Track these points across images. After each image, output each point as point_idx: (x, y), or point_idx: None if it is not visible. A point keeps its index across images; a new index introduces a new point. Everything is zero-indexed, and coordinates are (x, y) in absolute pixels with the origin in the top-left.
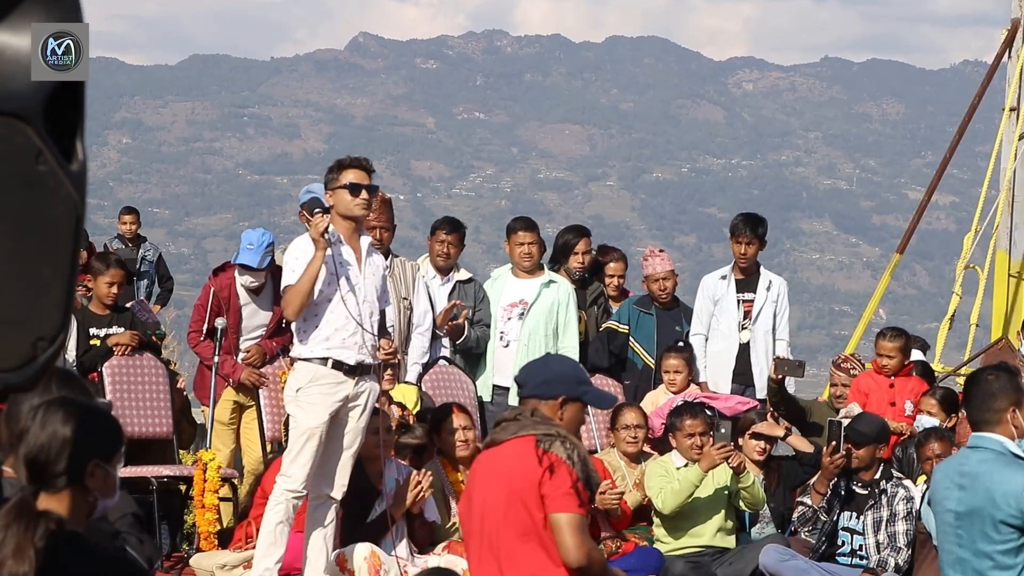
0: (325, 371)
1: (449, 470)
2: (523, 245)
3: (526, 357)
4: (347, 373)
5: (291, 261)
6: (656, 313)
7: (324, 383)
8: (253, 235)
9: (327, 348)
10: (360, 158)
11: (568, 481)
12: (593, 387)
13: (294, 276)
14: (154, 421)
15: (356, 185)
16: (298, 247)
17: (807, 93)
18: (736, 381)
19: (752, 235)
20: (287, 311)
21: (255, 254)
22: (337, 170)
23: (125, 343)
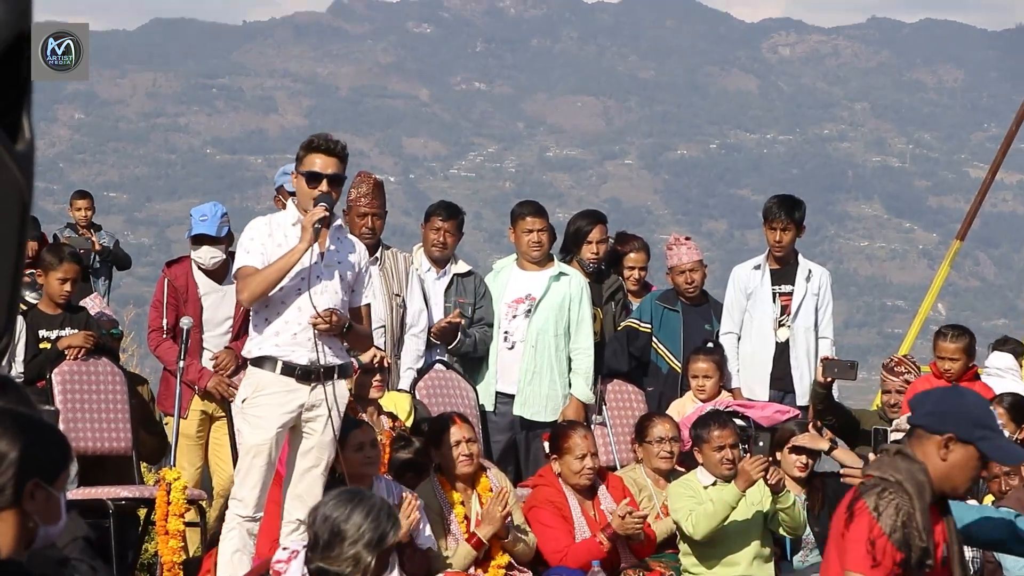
0: (272, 378)
1: (448, 489)
2: (531, 233)
3: (533, 360)
4: (300, 379)
5: (246, 242)
6: (682, 310)
7: (271, 392)
8: (204, 208)
9: (276, 345)
10: (333, 141)
11: (865, 535)
12: (999, 437)
13: (248, 257)
14: (110, 435)
15: (315, 175)
16: (255, 227)
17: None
18: (774, 387)
19: (788, 219)
20: (243, 295)
21: (211, 224)
22: (305, 150)
23: (78, 345)
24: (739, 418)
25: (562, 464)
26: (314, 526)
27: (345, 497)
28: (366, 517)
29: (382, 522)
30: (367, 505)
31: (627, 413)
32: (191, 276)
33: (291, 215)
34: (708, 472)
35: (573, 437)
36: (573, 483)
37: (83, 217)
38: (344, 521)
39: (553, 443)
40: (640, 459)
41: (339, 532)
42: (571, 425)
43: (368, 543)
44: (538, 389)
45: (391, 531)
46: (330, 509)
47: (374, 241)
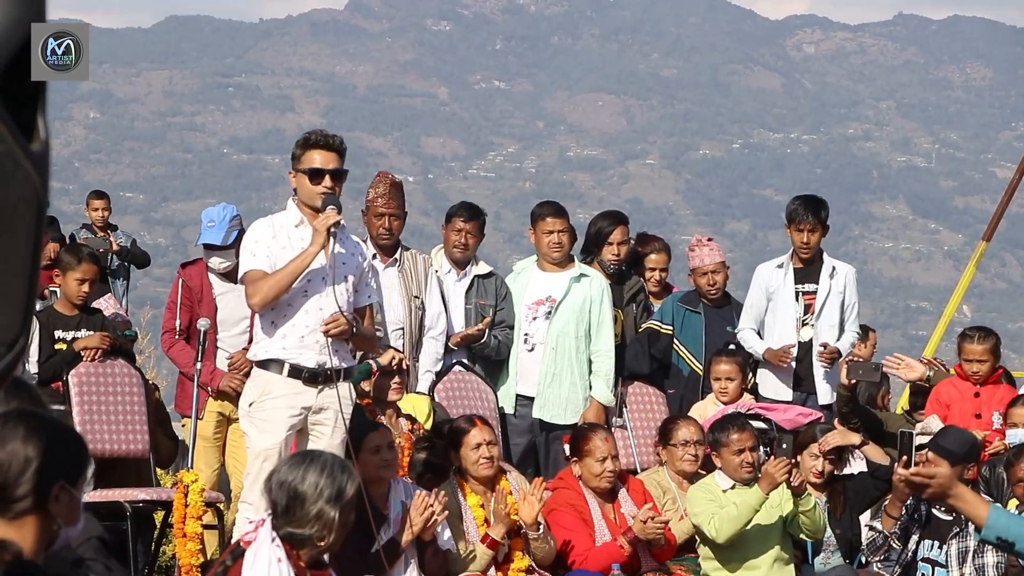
0: (279, 381)
1: (468, 492)
2: (551, 234)
3: (553, 362)
4: (307, 381)
5: (250, 245)
6: (704, 311)
7: (278, 395)
8: (213, 211)
9: (283, 348)
10: (330, 136)
11: None
12: None
13: (255, 261)
14: (127, 437)
15: (318, 171)
16: (259, 229)
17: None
18: (797, 387)
19: (816, 221)
20: (254, 299)
21: (218, 230)
22: (302, 147)
23: (94, 347)
24: (761, 420)
25: (582, 467)
26: (272, 494)
27: (297, 460)
28: (321, 474)
29: (337, 476)
30: (320, 463)
31: (648, 416)
32: (205, 277)
33: (293, 215)
34: (727, 476)
35: (593, 440)
36: (593, 486)
37: (99, 217)
38: (300, 482)
39: (573, 446)
40: (664, 462)
41: (297, 494)
42: (591, 428)
43: (328, 499)
44: (558, 392)
45: (348, 483)
46: (284, 474)
47: (392, 242)
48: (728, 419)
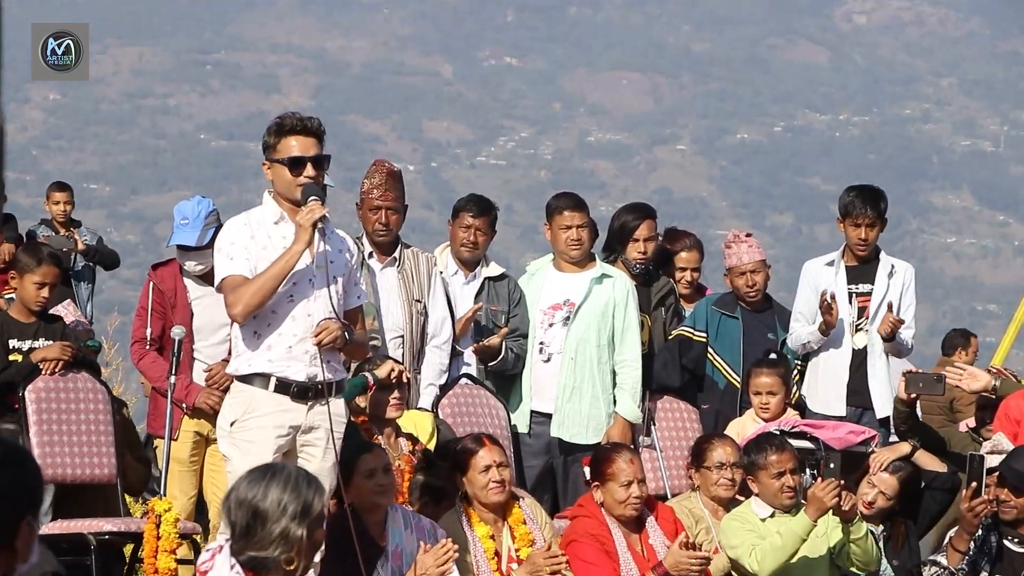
0: (264, 397)
1: (476, 520)
2: (569, 229)
3: (572, 374)
4: (296, 397)
5: (227, 247)
6: (742, 316)
7: (263, 413)
8: (186, 207)
9: (268, 360)
10: (306, 118)
11: None
12: None
13: (233, 265)
14: (92, 460)
15: (297, 160)
16: (234, 229)
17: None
18: (851, 402)
19: (874, 215)
20: (235, 309)
21: (192, 230)
22: (276, 135)
23: (54, 358)
24: (807, 439)
25: (605, 492)
26: (230, 514)
27: (256, 475)
28: (284, 488)
29: (303, 490)
30: (282, 476)
31: (679, 434)
32: (180, 279)
33: (271, 211)
34: (765, 503)
35: (618, 461)
36: (618, 514)
37: (61, 212)
38: (261, 500)
39: (595, 468)
40: (697, 486)
41: (259, 513)
42: (615, 448)
43: (294, 515)
44: (578, 407)
45: (315, 497)
46: (243, 491)
47: (390, 239)
48: (765, 438)
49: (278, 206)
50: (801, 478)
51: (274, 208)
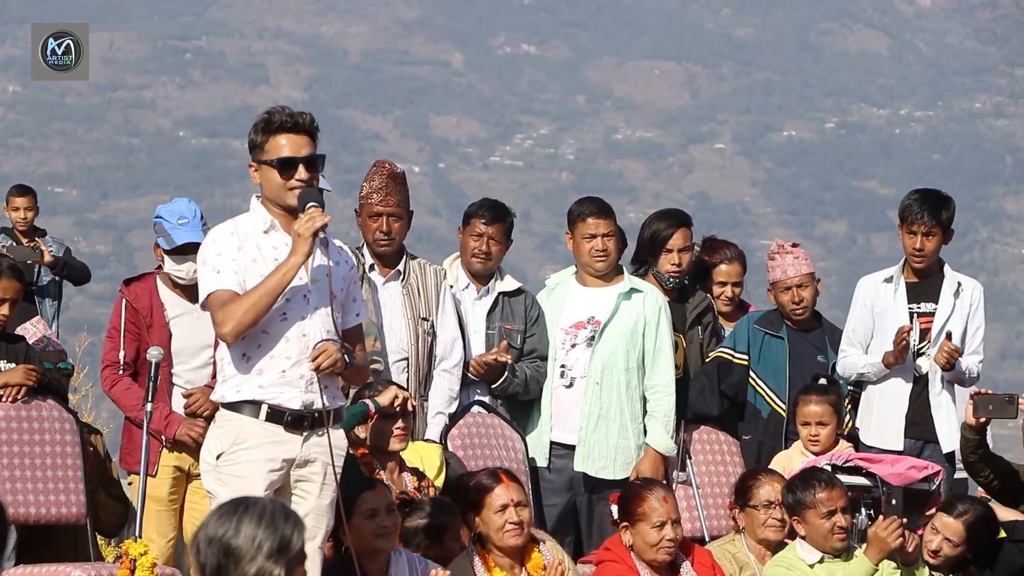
0: (255, 427)
1: (491, 566)
2: (594, 239)
3: (598, 401)
4: (290, 427)
5: (212, 259)
6: (788, 336)
7: (253, 444)
8: (179, 206)
9: (259, 387)
10: (297, 114)
11: None
12: None
13: (220, 279)
14: (59, 499)
15: (289, 160)
16: (220, 239)
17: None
18: (910, 434)
19: (933, 221)
20: (225, 328)
21: (194, 227)
22: (264, 132)
23: (17, 383)
24: (863, 475)
25: (635, 534)
26: (199, 555)
27: (227, 510)
28: (258, 524)
29: (279, 525)
30: (255, 511)
31: (718, 468)
32: (156, 295)
33: (260, 219)
34: (812, 546)
35: (649, 500)
36: (649, 558)
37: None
38: (233, 536)
39: (623, 507)
40: (742, 528)
41: (231, 551)
42: (647, 484)
43: (270, 553)
44: (604, 438)
45: (293, 532)
46: (212, 528)
47: (393, 249)
48: (810, 473)
49: (267, 213)
50: (856, 519)
51: (263, 215)
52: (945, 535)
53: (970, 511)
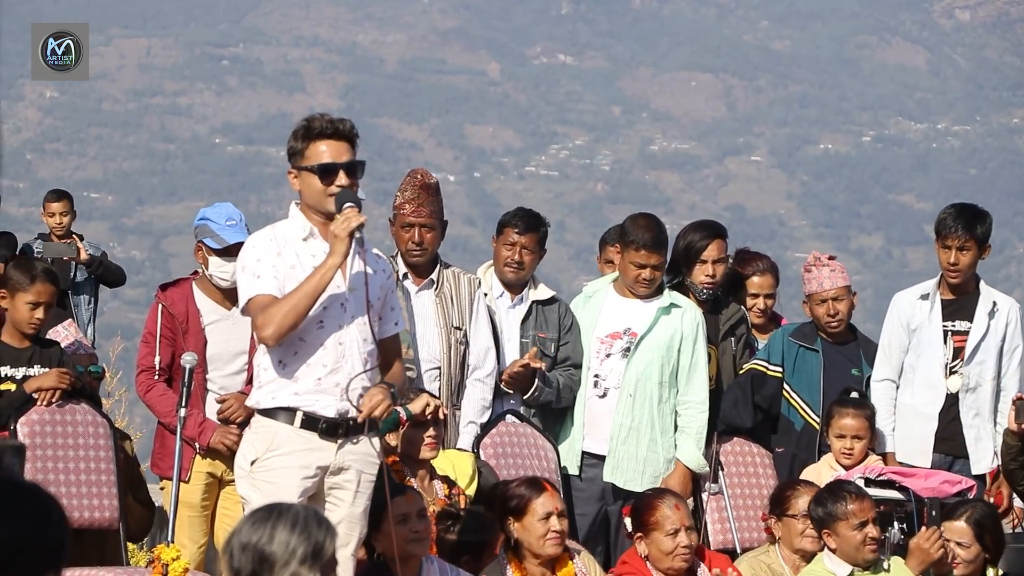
0: (290, 433)
1: (521, 574)
2: (643, 268)
3: (630, 413)
4: (325, 434)
5: (252, 264)
6: (823, 349)
7: (288, 451)
8: (226, 209)
9: (294, 393)
10: (337, 120)
11: None
12: None
13: (260, 284)
14: (92, 503)
15: (329, 167)
16: (260, 245)
17: None
18: (939, 449)
19: (967, 235)
20: (266, 331)
21: (242, 230)
22: (304, 139)
23: (50, 387)
24: (896, 489)
25: (650, 544)
26: (233, 560)
27: (260, 516)
28: (292, 530)
29: (312, 531)
30: (289, 517)
31: (750, 481)
32: (192, 301)
33: (300, 226)
34: (842, 559)
35: (661, 508)
36: (665, 567)
37: (58, 224)
38: (268, 543)
39: (636, 518)
40: (777, 538)
41: (265, 557)
42: (657, 493)
43: (304, 559)
44: (634, 450)
45: (327, 538)
46: (247, 534)
47: (426, 259)
48: (838, 486)
49: (307, 220)
50: (888, 532)
51: (302, 222)
52: (955, 540)
53: (971, 510)
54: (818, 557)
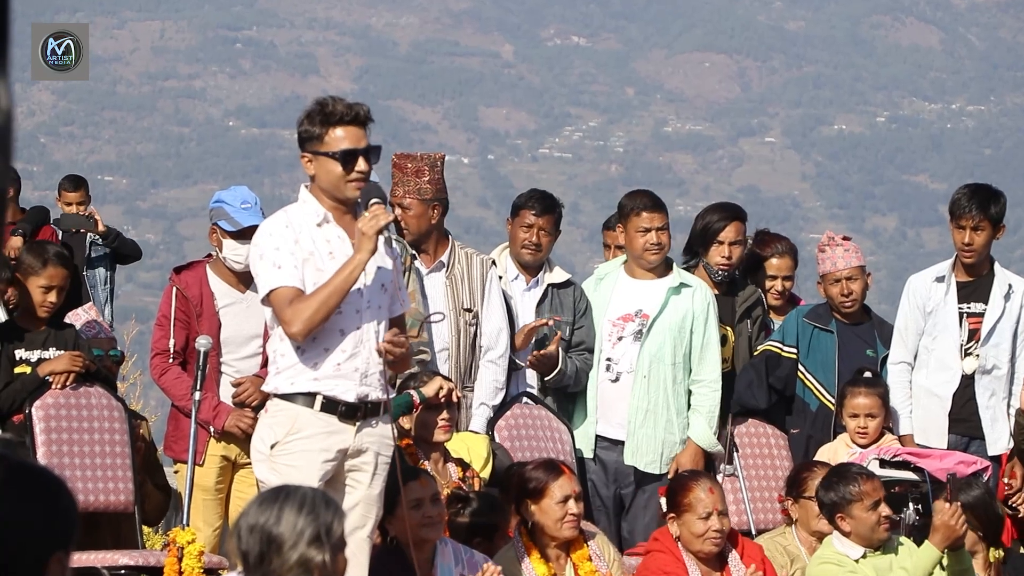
0: (310, 416)
1: (536, 556)
2: (648, 233)
3: (646, 395)
4: (344, 417)
5: (271, 253)
6: (837, 330)
7: (310, 434)
8: (241, 192)
9: (314, 378)
10: (355, 105)
11: None
12: None
13: (282, 275)
14: (107, 486)
15: (350, 152)
16: (276, 232)
17: None
18: (955, 430)
19: (981, 215)
20: (295, 327)
21: (256, 214)
22: (321, 124)
23: (62, 370)
24: (911, 470)
25: (682, 525)
26: (242, 542)
27: (268, 498)
28: (299, 511)
29: (320, 512)
30: (296, 498)
31: (765, 462)
32: (206, 284)
33: (313, 211)
34: (854, 541)
35: (695, 491)
36: (696, 549)
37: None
38: (275, 524)
39: (671, 499)
40: (794, 519)
41: (273, 539)
42: (693, 476)
43: (311, 540)
44: (652, 432)
45: (335, 519)
46: (254, 516)
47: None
48: (844, 469)
49: (319, 205)
50: (903, 513)
51: (315, 207)
52: None
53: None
54: (827, 541)
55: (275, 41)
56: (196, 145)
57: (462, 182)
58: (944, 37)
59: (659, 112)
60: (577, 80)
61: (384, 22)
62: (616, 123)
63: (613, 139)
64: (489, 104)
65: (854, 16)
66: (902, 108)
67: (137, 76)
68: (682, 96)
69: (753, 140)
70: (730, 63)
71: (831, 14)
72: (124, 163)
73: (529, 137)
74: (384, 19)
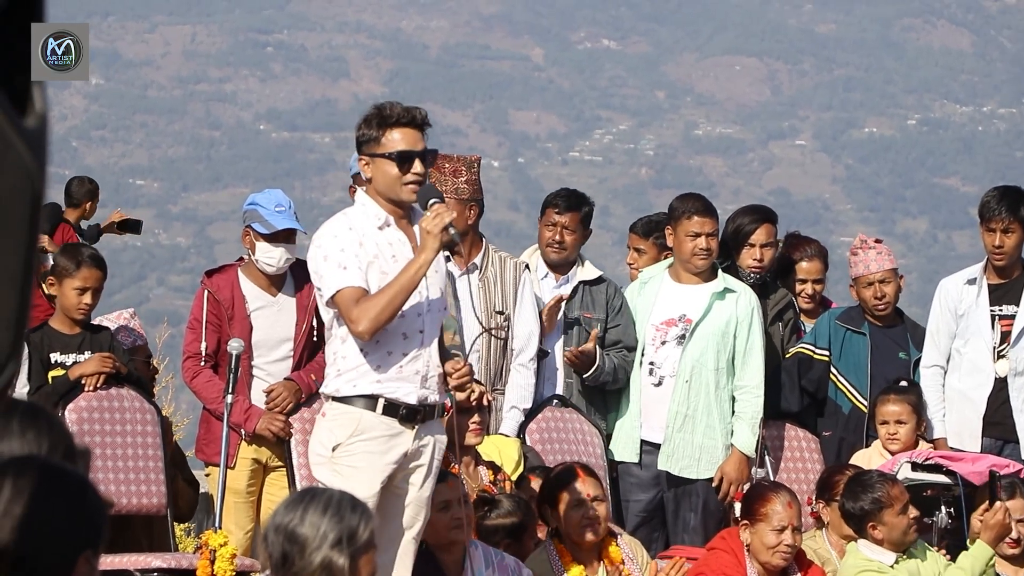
0: (372, 419)
1: (567, 560)
2: (698, 237)
3: (686, 400)
4: (404, 420)
5: (335, 254)
6: (870, 333)
7: (373, 436)
8: (275, 195)
9: (376, 381)
10: (413, 109)
11: None
12: None
13: (347, 276)
14: (140, 489)
15: (407, 154)
16: (340, 234)
17: None
18: (988, 433)
19: (1011, 217)
20: (361, 326)
21: (290, 217)
22: (378, 126)
23: (92, 372)
24: (943, 473)
25: (754, 534)
26: (268, 544)
27: (295, 499)
28: (324, 513)
29: (346, 515)
30: (322, 500)
31: (797, 465)
32: (238, 287)
33: (374, 214)
34: (889, 547)
35: (774, 502)
36: (763, 560)
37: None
38: (299, 525)
39: (747, 506)
40: (825, 523)
41: (296, 539)
42: (774, 487)
43: (335, 542)
44: (690, 438)
45: (361, 523)
46: (279, 517)
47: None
48: (865, 476)
49: (379, 208)
50: (936, 517)
51: (375, 210)
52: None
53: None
54: (852, 550)
55: (306, 44)
56: (227, 149)
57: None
58: (975, 40)
59: (689, 115)
60: (607, 83)
61: (415, 25)
62: (646, 126)
63: (643, 142)
64: (519, 107)
65: (885, 19)
66: (933, 111)
67: (168, 80)
68: (712, 99)
69: (784, 143)
70: (760, 66)
71: (862, 17)
72: (155, 167)
73: (559, 140)
74: (415, 22)
